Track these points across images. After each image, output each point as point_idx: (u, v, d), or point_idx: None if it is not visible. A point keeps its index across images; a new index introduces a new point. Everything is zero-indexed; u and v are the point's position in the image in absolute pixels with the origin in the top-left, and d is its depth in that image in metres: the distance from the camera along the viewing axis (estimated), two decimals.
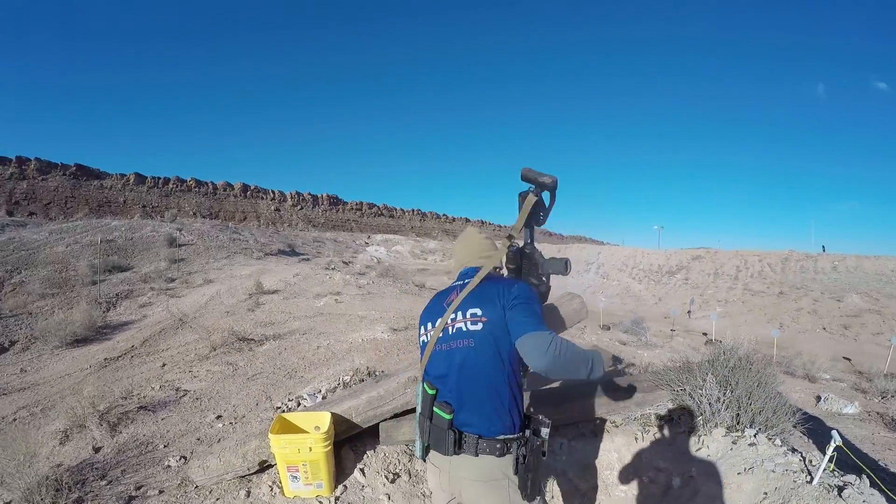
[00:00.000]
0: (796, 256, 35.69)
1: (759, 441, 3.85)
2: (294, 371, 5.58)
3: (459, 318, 2.03)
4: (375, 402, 3.53)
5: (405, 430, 3.64)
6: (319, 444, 3.13)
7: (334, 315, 8.35)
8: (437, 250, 49.34)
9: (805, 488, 3.22)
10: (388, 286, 12.65)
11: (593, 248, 43.44)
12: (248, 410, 4.61)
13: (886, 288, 28.12)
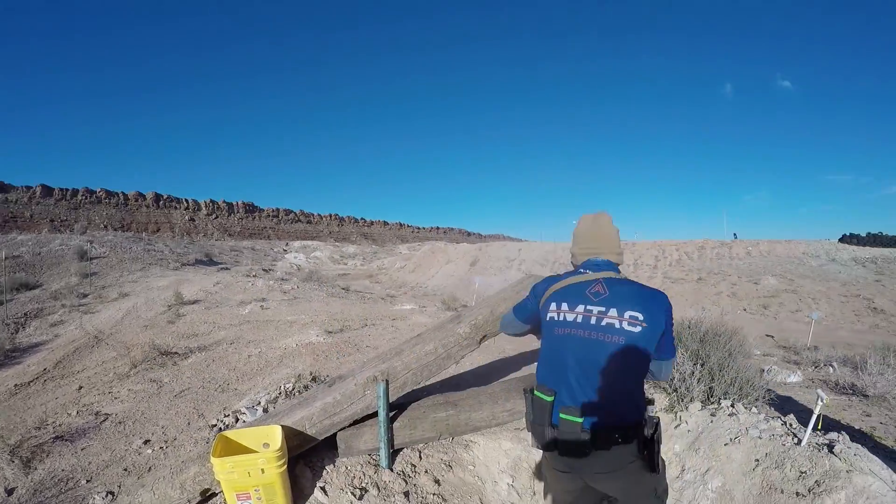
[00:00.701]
0: (711, 244, 38.37)
1: (739, 411, 3.88)
2: (226, 383, 5.14)
3: (613, 315, 2.08)
4: (331, 409, 3.15)
5: (367, 438, 3.29)
6: (273, 463, 2.69)
7: (262, 322, 8.03)
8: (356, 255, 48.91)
9: (795, 450, 3.24)
10: (314, 290, 12.41)
11: (514, 244, 44.57)
12: (180, 431, 4.13)
13: (799, 269, 30.93)
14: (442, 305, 12.92)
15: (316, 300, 10.49)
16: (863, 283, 27.92)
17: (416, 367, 3.32)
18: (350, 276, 31.29)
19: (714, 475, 3.35)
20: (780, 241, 37.90)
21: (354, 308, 9.31)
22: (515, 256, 40.67)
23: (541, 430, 2.12)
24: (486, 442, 3.64)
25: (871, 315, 22.84)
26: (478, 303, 3.81)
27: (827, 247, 37.79)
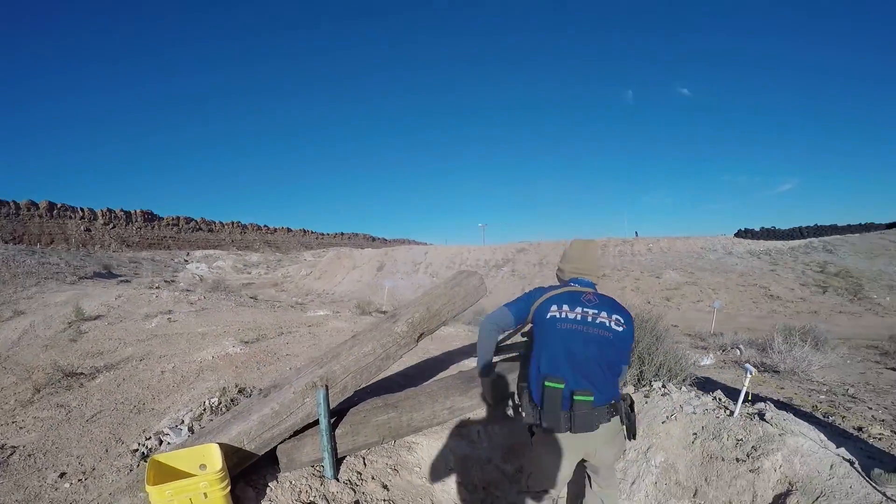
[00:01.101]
0: (614, 242, 40.46)
1: (671, 390, 4.10)
2: (141, 403, 4.77)
3: (605, 316, 2.64)
4: (270, 421, 2.97)
5: (309, 449, 3.14)
6: (216, 486, 2.49)
7: (171, 335, 7.55)
8: (260, 263, 47.40)
9: (729, 421, 3.47)
10: (223, 300, 11.87)
11: (420, 248, 44.99)
12: (99, 460, 3.76)
13: (698, 262, 33.36)
14: (356, 310, 12.77)
15: (225, 310, 10.05)
16: (759, 274, 30.51)
17: (355, 369, 3.23)
18: (255, 286, 30.25)
19: (656, 451, 3.52)
20: (680, 237, 40.69)
21: (266, 317, 9.01)
22: (422, 260, 41.14)
23: (555, 414, 2.50)
24: (429, 442, 3.61)
25: (769, 301, 25.03)
26: (412, 301, 3.78)
27: (724, 241, 40.94)
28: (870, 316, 20.97)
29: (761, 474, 3.06)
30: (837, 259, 32.10)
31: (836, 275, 28.64)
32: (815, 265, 31.16)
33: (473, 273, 3.93)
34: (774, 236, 48.63)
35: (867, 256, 32.37)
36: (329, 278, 39.13)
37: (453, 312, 3.71)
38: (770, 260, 33.95)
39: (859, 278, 27.51)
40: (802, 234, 46.92)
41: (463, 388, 3.82)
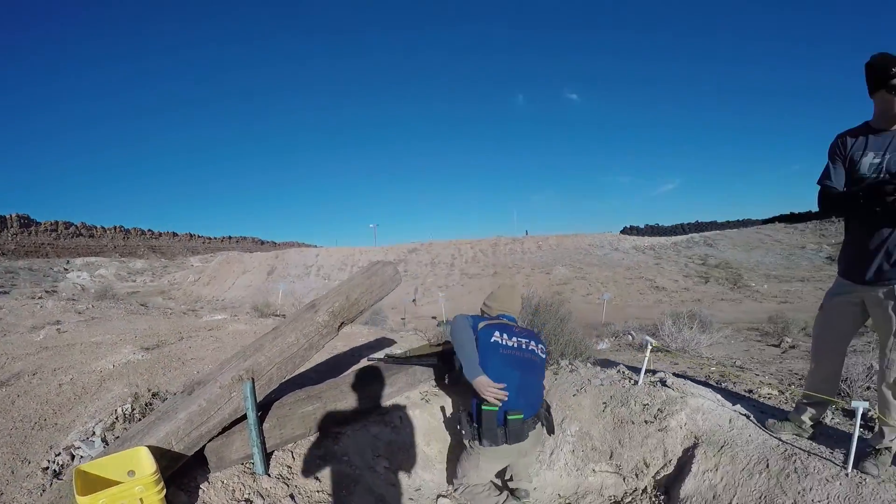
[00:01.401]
0: (504, 241, 41.92)
1: (578, 367, 4.45)
2: (42, 419, 4.41)
3: (533, 345, 3.31)
4: (198, 419, 2.89)
5: (238, 446, 3.08)
6: (152, 489, 2.38)
7: (63, 346, 6.94)
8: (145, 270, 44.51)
9: (635, 389, 3.84)
10: (112, 308, 11.06)
11: (311, 251, 44.40)
12: (6, 483, 3.43)
13: (586, 258, 35.33)
14: (255, 312, 12.39)
15: (117, 319, 9.41)
16: (644, 267, 32.79)
17: (279, 360, 3.24)
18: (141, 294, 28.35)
19: (570, 422, 3.80)
20: (569, 235, 42.99)
21: (162, 323, 8.57)
22: (314, 262, 40.69)
23: (493, 432, 3.03)
24: (354, 432, 3.67)
25: (655, 292, 26.98)
26: (330, 291, 3.81)
27: (610, 238, 43.61)
28: (749, 302, 23.22)
29: (669, 432, 3.43)
30: (717, 252, 35.24)
31: (717, 266, 31.46)
32: (696, 258, 34.01)
33: (388, 263, 4.05)
34: (658, 233, 52.36)
35: (745, 249, 35.83)
36: (219, 284, 37.62)
37: (371, 301, 3.80)
38: (654, 255, 36.63)
39: (738, 269, 30.37)
40: (684, 231, 50.95)
41: (382, 377, 3.95)
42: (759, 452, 3.06)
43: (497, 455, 3.14)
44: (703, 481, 3.07)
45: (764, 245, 36.66)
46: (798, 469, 2.85)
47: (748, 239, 39.28)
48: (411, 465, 3.70)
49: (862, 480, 2.66)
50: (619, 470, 3.53)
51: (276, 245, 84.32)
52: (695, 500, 2.99)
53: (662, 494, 3.27)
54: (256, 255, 44.52)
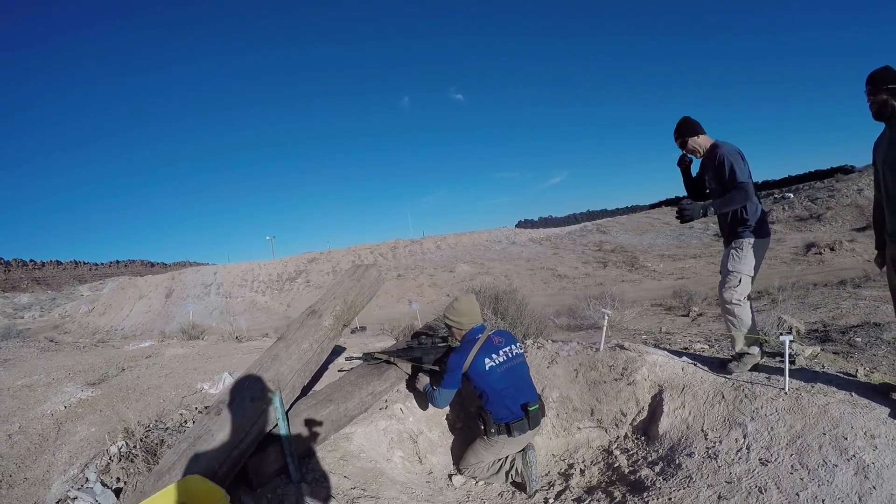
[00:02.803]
0: (403, 243, 42.56)
1: (544, 343, 5.04)
2: (8, 476, 4.17)
3: (512, 349, 3.92)
4: (237, 437, 2.98)
5: (273, 459, 3.22)
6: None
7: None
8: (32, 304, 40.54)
9: (598, 355, 4.49)
10: (22, 348, 10.34)
11: (209, 269, 42.79)
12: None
13: (486, 254, 36.66)
14: (183, 336, 12.12)
15: (32, 358, 8.77)
16: (544, 258, 34.53)
17: (299, 367, 3.46)
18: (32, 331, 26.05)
19: (551, 390, 4.38)
20: (466, 232, 44.36)
21: (86, 357, 8.11)
22: (213, 281, 39.37)
23: (520, 424, 3.65)
24: (362, 429, 3.93)
25: (558, 280, 28.60)
26: (325, 296, 4.05)
27: (507, 233, 45.40)
28: (648, 281, 25.21)
29: (637, 385, 4.09)
30: (611, 238, 37.83)
31: (613, 251, 33.81)
32: (592, 245, 36.34)
33: (372, 266, 4.44)
34: (552, 224, 55.28)
35: (637, 233, 38.69)
36: (115, 312, 35.28)
37: (364, 303, 4.16)
38: (552, 245, 38.70)
39: (633, 252, 32.79)
40: (577, 220, 54.32)
41: (377, 374, 4.23)
42: (713, 388, 3.77)
43: (521, 440, 3.71)
44: (675, 417, 3.72)
45: (654, 228, 39.78)
46: (748, 395, 3.58)
47: (639, 223, 42.47)
48: (422, 451, 4.07)
49: (798, 395, 3.44)
50: (601, 423, 4.12)
51: (166, 266, 79.48)
52: (672, 432, 3.65)
53: (642, 436, 3.88)
54: (150, 279, 42.09)
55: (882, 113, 3.19)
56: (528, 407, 3.67)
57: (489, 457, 3.77)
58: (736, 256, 3.96)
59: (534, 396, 3.81)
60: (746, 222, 3.94)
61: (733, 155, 3.91)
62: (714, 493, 2.98)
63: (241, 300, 35.64)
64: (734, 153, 3.93)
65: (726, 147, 3.99)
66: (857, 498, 2.69)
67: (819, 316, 7.61)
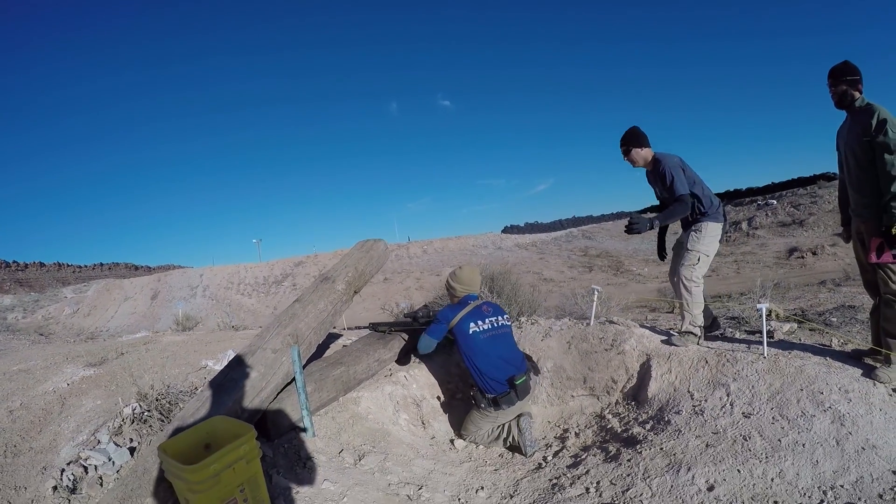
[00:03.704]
0: (390, 247, 42.53)
1: (538, 320, 5.30)
2: (13, 446, 4.22)
3: (500, 319, 4.14)
4: (259, 384, 3.16)
5: (289, 411, 3.39)
6: (255, 449, 2.47)
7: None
8: (15, 306, 39.95)
9: (589, 328, 4.76)
10: (13, 340, 10.41)
11: (195, 271, 42.68)
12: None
13: (472, 259, 37.15)
14: (177, 326, 12.26)
15: (24, 349, 8.87)
16: (530, 262, 34.90)
17: (315, 325, 3.68)
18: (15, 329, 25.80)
19: (545, 361, 4.63)
20: (452, 237, 44.57)
21: (81, 346, 8.25)
22: (199, 283, 39.29)
23: (508, 397, 3.83)
24: (369, 394, 4.15)
25: (545, 284, 28.88)
26: (337, 264, 4.29)
27: (493, 238, 45.75)
28: (633, 284, 25.67)
29: (626, 354, 4.34)
30: (597, 243, 38.34)
31: (598, 256, 34.31)
32: (578, 250, 36.79)
33: (379, 240, 4.67)
34: (538, 229, 55.84)
35: (622, 238, 39.25)
36: (100, 314, 35.05)
37: (372, 272, 4.40)
38: (537, 250, 39.12)
39: (618, 256, 33.28)
40: (563, 226, 54.77)
41: (382, 344, 4.48)
42: (697, 355, 4.03)
43: (512, 410, 3.89)
44: (663, 381, 3.97)
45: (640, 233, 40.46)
46: (729, 360, 3.84)
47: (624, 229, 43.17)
48: (425, 416, 4.29)
49: (776, 358, 3.71)
50: (593, 391, 4.36)
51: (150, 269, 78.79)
52: (660, 395, 3.89)
53: (632, 401, 4.11)
54: (137, 281, 41.83)
55: (843, 102, 3.58)
56: (515, 381, 3.85)
57: (486, 425, 3.97)
58: (695, 237, 4.26)
59: (521, 368, 3.98)
60: (705, 213, 4.30)
61: (675, 168, 4.22)
62: (702, 442, 3.22)
63: (227, 303, 35.60)
64: (676, 166, 4.24)
65: (668, 160, 4.28)
66: (834, 442, 2.94)
67: (798, 304, 7.90)
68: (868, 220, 3.48)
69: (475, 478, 3.58)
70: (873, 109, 3.36)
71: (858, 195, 3.55)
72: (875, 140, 3.29)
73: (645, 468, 3.11)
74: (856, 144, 3.45)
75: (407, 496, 3.15)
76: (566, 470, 3.46)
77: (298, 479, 3.07)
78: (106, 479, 3.38)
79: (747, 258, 26.50)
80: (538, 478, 3.47)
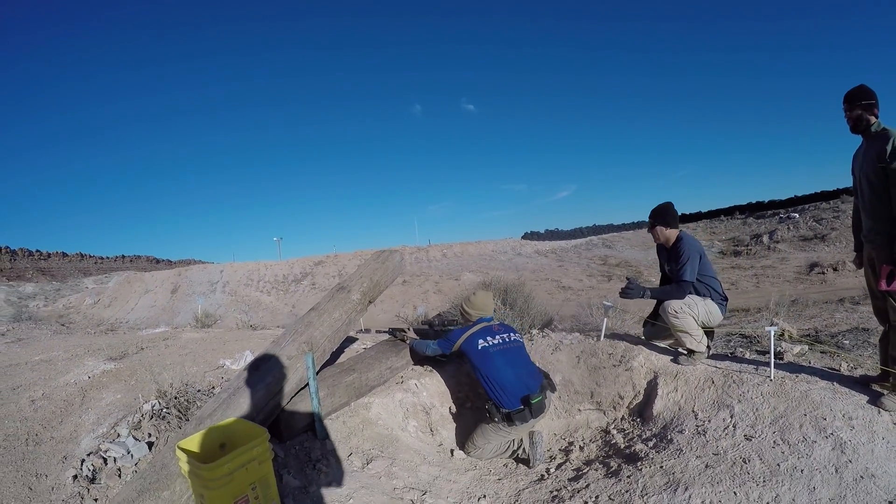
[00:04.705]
0: (409, 250, 42.76)
1: (549, 333, 5.38)
2: (34, 435, 4.34)
3: (510, 336, 4.25)
4: (274, 389, 3.31)
5: (302, 415, 3.54)
6: (266, 450, 2.63)
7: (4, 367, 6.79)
8: (37, 294, 40.85)
9: (599, 343, 4.83)
10: (35, 329, 10.66)
11: (215, 267, 43.13)
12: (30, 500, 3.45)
13: (492, 264, 36.87)
14: (196, 324, 12.52)
15: (46, 339, 9.10)
16: (549, 270, 34.76)
17: (330, 333, 3.83)
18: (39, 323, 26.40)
19: (554, 374, 4.70)
20: (472, 242, 44.51)
21: (102, 339, 8.47)
22: (219, 278, 39.71)
23: (523, 415, 3.85)
24: (380, 400, 4.28)
25: (562, 292, 28.77)
26: (353, 274, 4.45)
27: (513, 244, 45.60)
28: None
29: (634, 371, 4.40)
30: (616, 252, 38.14)
31: (617, 265, 34.09)
32: (597, 259, 36.58)
33: (395, 251, 4.81)
34: (558, 237, 55.63)
35: (642, 248, 38.94)
36: (120, 305, 35.61)
37: (387, 283, 4.53)
38: (557, 257, 38.97)
39: (637, 266, 33.03)
40: (583, 234, 54.60)
41: (395, 352, 4.62)
42: (704, 375, 4.09)
43: (525, 427, 3.95)
44: (668, 399, 4.04)
45: None
46: (736, 381, 3.90)
47: (644, 239, 42.63)
48: (434, 423, 4.40)
49: (783, 381, 3.75)
50: (600, 406, 4.43)
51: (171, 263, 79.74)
52: (665, 413, 3.96)
53: (637, 417, 4.19)
54: (158, 274, 42.39)
55: (858, 126, 3.56)
56: (531, 399, 3.89)
57: (496, 440, 4.04)
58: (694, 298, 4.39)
59: (535, 387, 3.99)
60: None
61: (693, 254, 4.40)
62: (702, 462, 3.28)
63: (246, 298, 36.01)
64: (696, 252, 4.43)
65: (690, 244, 4.47)
66: (833, 469, 2.98)
67: (813, 324, 7.88)
68: (880, 246, 3.47)
69: (478, 486, 3.69)
70: (889, 135, 3.34)
71: (872, 221, 3.54)
72: (890, 166, 3.28)
73: (643, 486, 3.19)
74: (870, 170, 3.43)
75: (411, 501, 3.28)
76: (567, 483, 3.55)
77: (307, 480, 3.21)
78: (124, 471, 3.54)
79: (767, 272, 26.17)
80: (539, 489, 3.57)
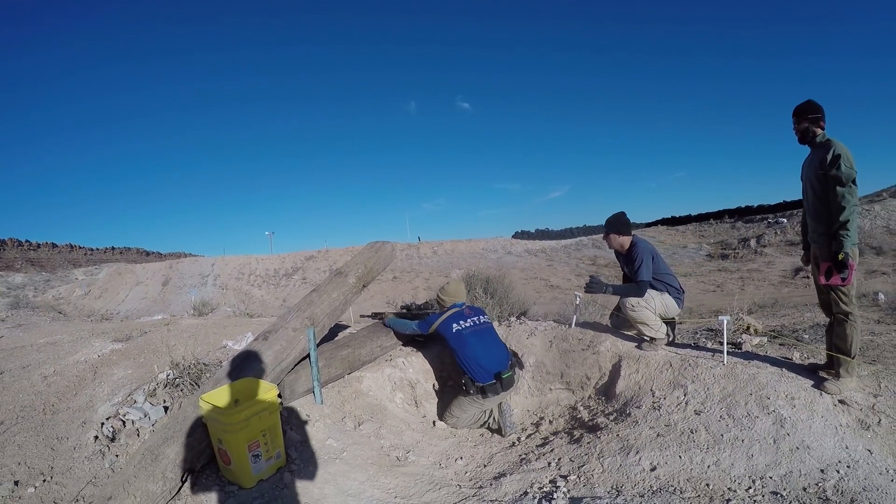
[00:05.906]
0: (400, 246, 43.09)
1: (525, 320, 5.86)
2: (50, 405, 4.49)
3: (480, 319, 4.66)
4: (281, 356, 3.79)
5: (303, 381, 4.01)
6: (276, 402, 3.09)
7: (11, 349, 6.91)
8: (26, 285, 40.80)
9: (570, 330, 5.32)
10: (33, 316, 10.93)
11: (206, 260, 43.24)
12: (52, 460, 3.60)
13: (481, 262, 37.25)
14: (194, 312, 12.90)
15: (46, 324, 9.41)
16: (538, 269, 35.21)
17: (329, 311, 4.30)
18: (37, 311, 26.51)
19: (528, 356, 5.16)
20: (462, 240, 44.84)
21: (104, 325, 8.80)
22: (210, 272, 39.89)
23: (494, 388, 4.29)
24: (371, 375, 4.76)
25: (550, 290, 29.23)
26: (350, 261, 4.90)
27: (503, 242, 45.97)
28: None
29: (601, 354, 4.86)
30: (606, 253, 38.55)
31: (607, 266, 34.55)
32: (586, 259, 37.07)
33: (387, 242, 5.24)
34: (549, 237, 56.12)
35: None
36: (111, 297, 35.68)
37: (379, 270, 4.99)
38: (546, 257, 39.43)
39: None
40: (573, 234, 55.01)
41: (385, 333, 5.06)
42: (664, 359, 4.54)
43: (497, 398, 4.41)
44: (630, 380, 4.49)
45: None
46: (691, 364, 4.35)
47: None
48: (418, 397, 4.87)
49: (734, 366, 4.20)
50: (569, 386, 4.89)
51: (162, 256, 79.35)
52: (626, 392, 4.40)
53: (602, 396, 4.63)
54: (149, 266, 42.40)
55: (805, 138, 3.97)
56: (502, 375, 4.34)
57: (472, 410, 4.50)
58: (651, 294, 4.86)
59: (505, 364, 4.44)
60: None
61: (647, 255, 4.88)
62: (654, 432, 3.73)
63: (236, 292, 36.22)
64: (648, 254, 4.90)
65: (643, 246, 4.96)
66: (772, 440, 3.41)
67: (781, 322, 8.34)
68: (822, 246, 3.90)
69: (456, 450, 4.16)
70: (831, 145, 3.72)
71: (815, 223, 3.94)
72: (829, 173, 3.65)
73: (601, 450, 3.64)
74: (814, 177, 3.82)
75: (396, 457, 3.75)
76: (535, 448, 4.02)
77: (307, 435, 3.69)
78: (143, 432, 3.94)
79: (753, 275, 26.74)
80: (510, 453, 4.04)
